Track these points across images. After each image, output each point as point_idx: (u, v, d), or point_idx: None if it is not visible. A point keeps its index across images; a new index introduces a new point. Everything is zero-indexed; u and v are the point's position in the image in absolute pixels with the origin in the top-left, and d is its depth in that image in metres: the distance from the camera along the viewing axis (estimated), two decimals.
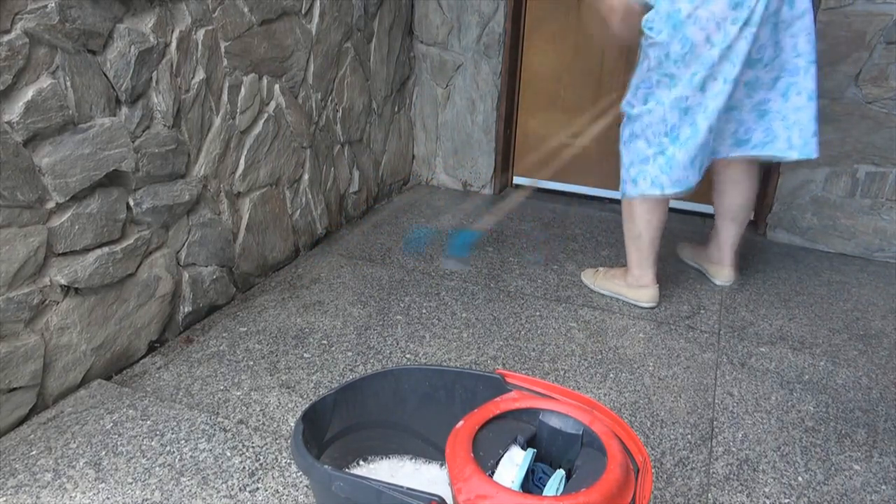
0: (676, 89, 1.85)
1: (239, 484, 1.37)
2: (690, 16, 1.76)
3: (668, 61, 1.83)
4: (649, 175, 1.96)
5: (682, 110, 1.87)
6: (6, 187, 1.38)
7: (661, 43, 1.81)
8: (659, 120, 1.91)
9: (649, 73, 1.89)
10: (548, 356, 1.89)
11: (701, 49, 1.78)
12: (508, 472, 1.03)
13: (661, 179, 1.94)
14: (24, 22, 1.36)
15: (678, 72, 1.83)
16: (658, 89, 1.89)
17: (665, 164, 1.92)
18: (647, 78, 1.91)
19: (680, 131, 1.89)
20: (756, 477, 1.48)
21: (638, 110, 1.95)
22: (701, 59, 1.80)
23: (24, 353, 1.49)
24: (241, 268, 2.18)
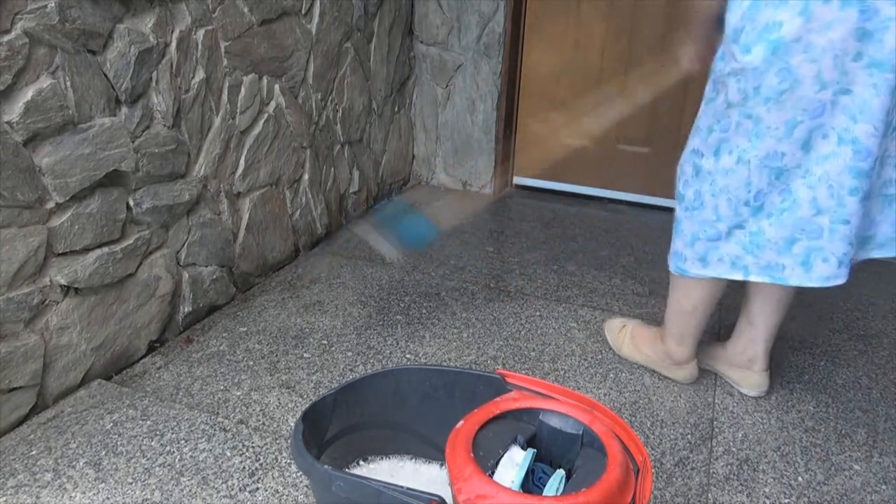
0: (763, 141, 1.34)
1: (239, 484, 1.37)
2: (800, 40, 1.23)
3: (756, 97, 1.31)
4: (726, 255, 1.48)
5: (773, 171, 1.36)
6: (6, 187, 1.38)
7: (752, 70, 1.29)
8: (742, 183, 1.39)
9: (729, 110, 1.37)
10: (548, 356, 1.89)
11: (806, 89, 1.26)
12: (508, 472, 1.03)
13: (746, 261, 1.46)
14: (24, 22, 1.36)
15: (768, 116, 1.31)
16: (737, 136, 1.37)
17: (749, 241, 1.44)
18: (723, 117, 1.39)
19: (766, 199, 1.39)
20: (756, 477, 1.48)
21: (708, 164, 1.43)
22: (804, 102, 1.28)
23: (24, 353, 1.49)
24: (241, 268, 2.18)
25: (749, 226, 1.43)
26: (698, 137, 1.46)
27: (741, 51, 1.29)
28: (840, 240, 1.37)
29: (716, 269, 1.51)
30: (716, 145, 1.41)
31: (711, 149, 1.42)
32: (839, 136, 1.29)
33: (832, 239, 1.37)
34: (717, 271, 1.51)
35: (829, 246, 1.38)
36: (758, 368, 1.71)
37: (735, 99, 1.34)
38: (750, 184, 1.38)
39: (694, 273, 1.54)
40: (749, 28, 1.27)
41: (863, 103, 1.25)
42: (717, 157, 1.42)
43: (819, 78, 1.25)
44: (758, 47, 1.27)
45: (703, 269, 1.53)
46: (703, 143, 1.44)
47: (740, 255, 1.46)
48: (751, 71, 1.29)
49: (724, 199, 1.42)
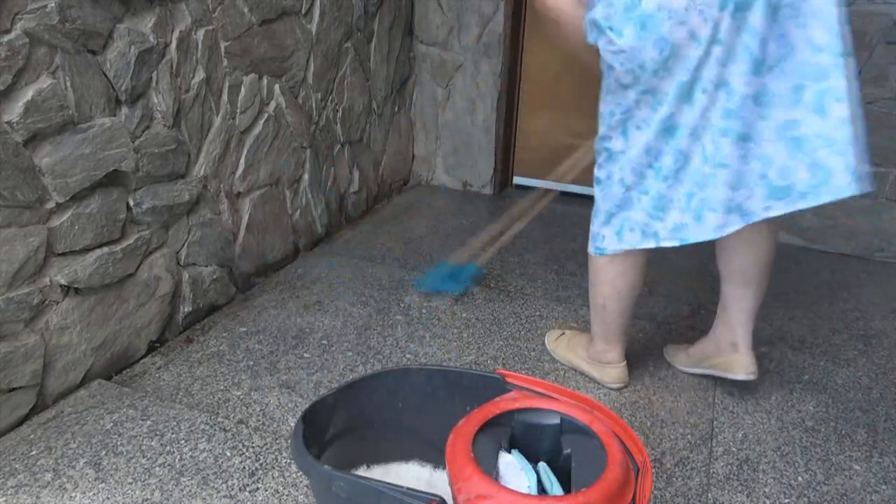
0: (661, 108, 1.38)
1: (239, 484, 1.37)
2: (661, 8, 1.27)
3: (644, 73, 1.35)
4: (637, 223, 1.50)
5: (665, 131, 1.39)
6: (6, 187, 1.38)
7: (630, 49, 1.33)
8: (642, 150, 1.43)
9: (625, 91, 1.41)
10: (548, 356, 1.89)
11: (686, 49, 1.31)
12: (520, 479, 1.03)
13: (655, 227, 1.48)
14: (24, 22, 1.36)
15: (662, 84, 1.36)
16: (640, 111, 1.41)
17: (652, 206, 1.47)
18: (621, 98, 1.43)
19: (662, 160, 1.42)
20: (756, 477, 1.48)
21: (618, 144, 1.48)
22: (686, 61, 1.32)
23: (24, 353, 1.49)
24: (241, 268, 2.18)
25: (651, 189, 1.45)
26: (603, 124, 1.50)
27: (615, 35, 1.34)
28: (721, 185, 1.38)
29: (629, 241, 1.53)
30: (620, 126, 1.45)
31: (617, 130, 1.46)
32: (714, 83, 1.32)
33: (714, 185, 1.38)
34: (630, 242, 1.53)
35: (713, 193, 1.39)
36: (742, 350, 1.67)
37: (626, 80, 1.39)
38: (649, 147, 1.42)
39: (611, 249, 1.56)
40: (612, 12, 1.33)
41: (730, 48, 1.29)
42: (625, 136, 1.45)
43: (694, 36, 1.29)
44: (627, 28, 1.31)
45: (618, 244, 1.55)
46: (608, 127, 1.48)
47: (647, 221, 1.48)
48: (629, 51, 1.33)
49: (629, 168, 1.46)
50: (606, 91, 1.47)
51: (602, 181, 1.54)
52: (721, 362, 1.71)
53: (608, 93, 1.46)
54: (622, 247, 1.54)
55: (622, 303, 1.64)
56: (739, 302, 1.64)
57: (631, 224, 1.51)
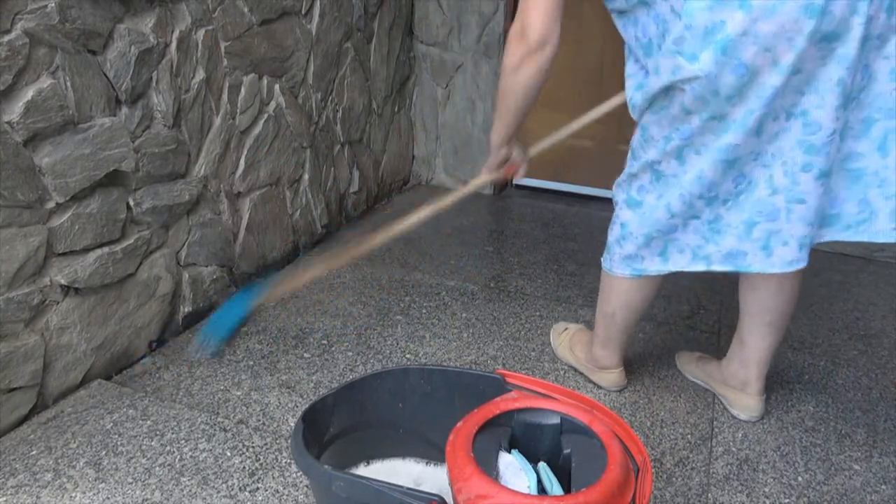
0: (728, 136, 1.28)
1: (239, 484, 1.37)
2: (747, 33, 1.16)
3: (716, 99, 1.24)
4: (686, 245, 1.45)
5: (726, 163, 1.31)
6: (6, 187, 1.38)
7: (706, 75, 1.21)
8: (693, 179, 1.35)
9: (689, 116, 1.30)
10: (548, 356, 1.89)
11: (764, 77, 1.20)
12: (520, 479, 1.03)
13: (708, 250, 1.42)
14: (24, 22, 1.36)
15: (734, 111, 1.25)
16: (703, 136, 1.31)
17: (707, 229, 1.40)
18: (682, 123, 1.32)
19: (719, 189, 1.35)
20: (756, 477, 1.48)
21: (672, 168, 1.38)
22: (761, 90, 1.21)
23: (24, 353, 1.49)
24: (241, 268, 2.18)
25: (705, 215, 1.39)
26: (653, 149, 1.39)
27: (687, 60, 1.22)
28: (798, 220, 1.31)
29: (677, 262, 1.47)
30: (676, 152, 1.36)
31: (672, 155, 1.36)
32: (787, 111, 1.24)
33: (789, 219, 1.32)
34: (678, 264, 1.47)
35: (786, 228, 1.33)
36: (751, 391, 1.63)
37: (693, 105, 1.27)
38: (702, 177, 1.33)
39: (654, 270, 1.50)
40: (689, 36, 1.21)
41: (810, 76, 1.20)
42: (680, 160, 1.36)
43: (776, 63, 1.19)
44: (705, 53, 1.20)
45: (663, 265, 1.49)
46: (661, 153, 1.38)
47: (700, 244, 1.42)
48: (704, 77, 1.22)
49: (678, 194, 1.38)
50: (663, 117, 1.35)
51: (641, 203, 1.45)
52: (727, 394, 1.68)
53: (665, 119, 1.34)
54: (668, 268, 1.49)
55: (632, 315, 1.61)
56: (760, 340, 1.59)
57: (680, 246, 1.45)
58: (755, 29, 1.16)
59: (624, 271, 1.55)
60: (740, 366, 1.64)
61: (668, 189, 1.40)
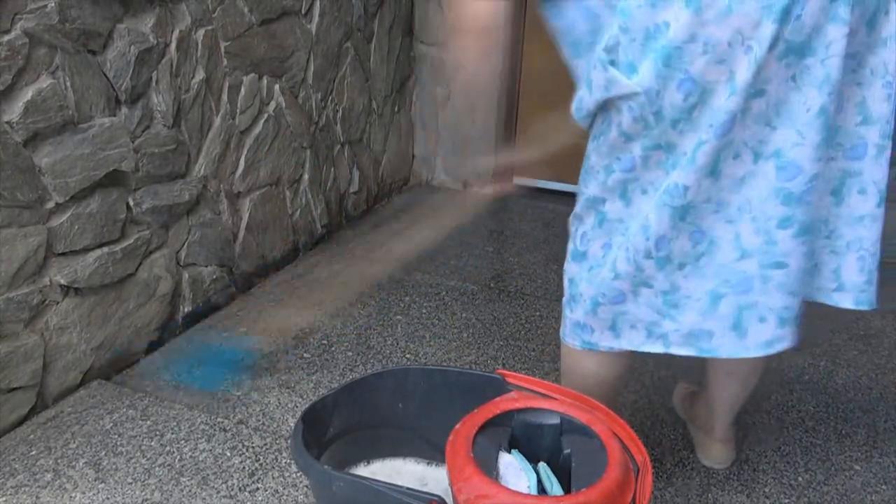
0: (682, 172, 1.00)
1: (239, 484, 1.37)
2: (696, 38, 0.91)
3: (661, 124, 0.99)
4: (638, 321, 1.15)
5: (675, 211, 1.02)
6: (6, 187, 1.38)
7: (645, 91, 0.97)
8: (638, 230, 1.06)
9: (628, 144, 1.04)
10: (548, 356, 1.89)
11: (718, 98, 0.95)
12: (520, 480, 1.03)
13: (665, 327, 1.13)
14: (24, 22, 1.36)
15: (682, 140, 0.99)
16: (647, 172, 1.05)
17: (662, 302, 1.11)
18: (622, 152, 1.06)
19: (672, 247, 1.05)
20: (756, 477, 1.48)
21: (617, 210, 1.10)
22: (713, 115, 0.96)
23: (24, 353, 1.49)
24: (241, 268, 2.18)
25: (657, 283, 1.09)
26: (594, 181, 1.14)
27: (624, 71, 0.98)
28: (776, 289, 1.05)
29: (630, 340, 1.16)
30: (619, 187, 1.09)
31: (615, 192, 1.10)
32: (754, 150, 0.98)
33: (765, 290, 1.05)
34: (632, 342, 1.17)
35: (762, 300, 1.06)
36: (716, 437, 1.45)
37: (632, 129, 1.02)
38: (648, 228, 1.04)
39: (605, 346, 1.19)
40: (626, 41, 0.97)
41: (779, 103, 0.95)
42: (624, 199, 1.09)
43: (731, 82, 0.93)
44: (645, 63, 0.96)
45: (615, 340, 1.18)
46: (602, 186, 1.12)
47: (655, 319, 1.13)
48: (644, 94, 0.97)
49: (623, 251, 1.09)
50: (602, 142, 1.10)
51: (585, 255, 1.18)
52: (695, 436, 1.52)
53: (604, 145, 1.09)
54: (620, 345, 1.18)
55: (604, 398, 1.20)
56: (723, 391, 1.36)
57: (632, 320, 1.15)
58: (705, 33, 0.91)
59: (565, 336, 1.28)
60: (706, 409, 1.45)
61: (613, 238, 1.12)
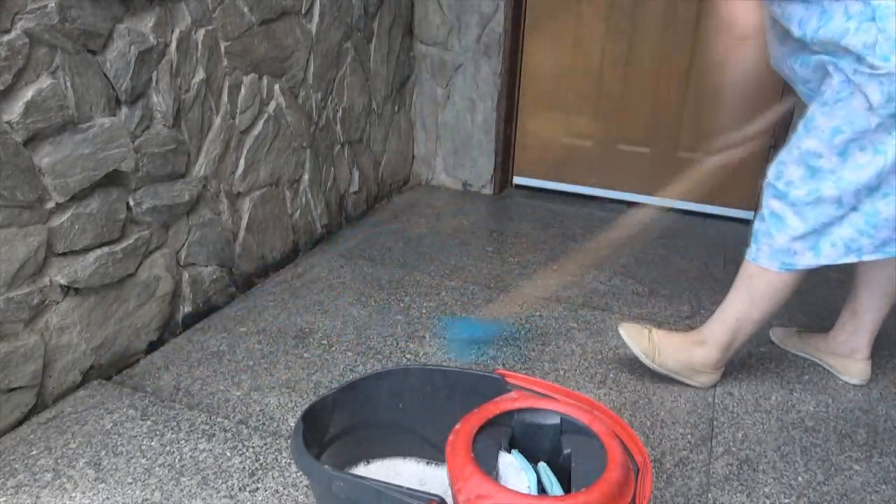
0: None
1: (239, 484, 1.37)
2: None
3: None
4: (839, 239, 1.48)
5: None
6: (6, 187, 1.39)
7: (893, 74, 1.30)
8: (874, 174, 1.40)
9: (869, 112, 1.35)
10: (548, 356, 1.89)
11: None
12: (520, 479, 1.03)
13: (861, 242, 1.46)
14: (24, 22, 1.36)
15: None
16: (877, 135, 1.37)
17: (864, 222, 1.44)
18: (859, 118, 1.37)
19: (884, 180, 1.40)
20: (756, 477, 1.48)
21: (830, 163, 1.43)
22: None
23: (23, 353, 1.49)
24: (241, 268, 2.18)
25: (864, 206, 1.43)
26: (815, 139, 1.44)
27: (880, 60, 1.29)
28: None
29: (829, 256, 1.49)
30: (842, 146, 1.40)
31: (836, 149, 1.41)
32: None
33: None
34: (830, 258, 1.49)
35: None
36: (860, 357, 1.77)
37: (879, 102, 1.33)
38: (882, 173, 1.39)
39: (803, 264, 1.52)
40: (882, 39, 1.29)
41: None
42: (843, 156, 1.41)
43: None
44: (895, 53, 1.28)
45: (815, 259, 1.51)
46: (825, 144, 1.42)
47: (855, 237, 1.46)
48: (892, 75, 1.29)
49: (852, 190, 1.42)
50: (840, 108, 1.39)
51: (799, 199, 1.48)
52: (835, 363, 1.81)
53: (842, 110, 1.38)
54: (819, 262, 1.50)
55: (768, 318, 1.64)
56: (875, 311, 1.71)
57: (833, 240, 1.48)
58: None
59: (766, 262, 1.56)
60: (852, 334, 1.77)
61: (825, 183, 1.44)
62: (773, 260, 1.55)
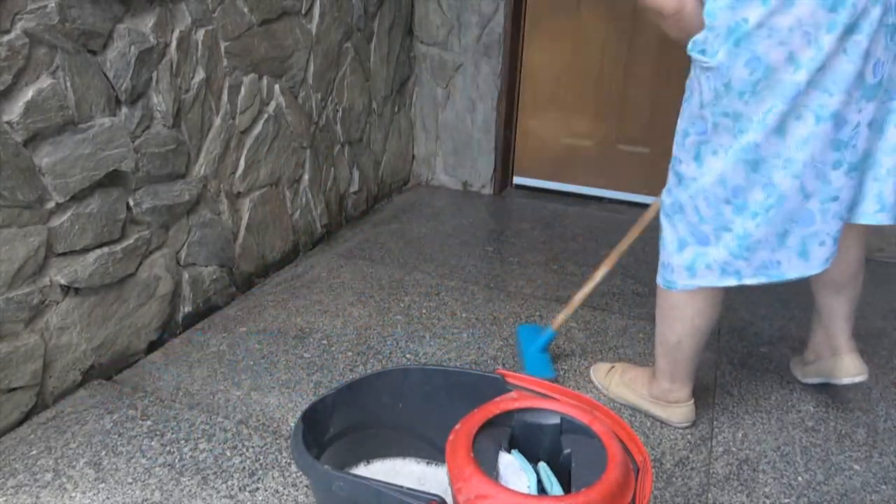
0: (745, 135, 1.27)
1: (239, 484, 1.37)
2: (762, 25, 1.19)
3: (729, 94, 1.25)
4: (714, 262, 1.38)
5: (748, 164, 1.29)
6: (6, 187, 1.39)
7: (718, 67, 1.24)
8: (716, 181, 1.33)
9: (702, 111, 1.31)
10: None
11: (781, 73, 1.21)
12: (520, 479, 1.03)
13: (736, 265, 1.37)
14: (24, 22, 1.36)
15: (746, 109, 1.25)
16: (716, 136, 1.31)
17: (737, 245, 1.35)
18: (698, 119, 1.33)
19: (748, 196, 1.31)
20: (756, 477, 1.48)
21: (689, 170, 1.37)
22: (780, 87, 1.22)
23: (24, 353, 1.49)
24: (241, 268, 2.18)
25: (735, 227, 1.34)
26: (675, 144, 1.41)
27: (708, 56, 1.25)
28: (832, 218, 1.32)
29: (704, 278, 1.40)
30: (694, 149, 1.35)
31: (690, 153, 1.36)
32: (816, 114, 1.23)
33: (825, 220, 1.32)
34: (706, 280, 1.40)
35: (823, 228, 1.33)
36: (843, 352, 1.61)
37: (708, 98, 1.29)
38: (724, 181, 1.31)
39: (682, 285, 1.43)
40: (711, 36, 1.24)
41: (836, 74, 1.20)
42: (698, 160, 1.35)
43: (792, 59, 1.20)
44: (723, 47, 1.23)
45: (690, 279, 1.42)
46: (681, 148, 1.39)
47: (729, 260, 1.37)
48: (717, 67, 1.24)
49: (702, 199, 1.35)
50: (685, 109, 1.37)
51: (667, 207, 1.45)
52: (824, 368, 1.67)
53: (687, 111, 1.37)
54: (696, 283, 1.42)
55: (699, 341, 1.51)
56: (835, 310, 1.61)
57: (708, 261, 1.39)
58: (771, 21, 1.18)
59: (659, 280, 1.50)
60: (824, 334, 1.65)
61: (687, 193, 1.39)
62: (661, 278, 1.50)
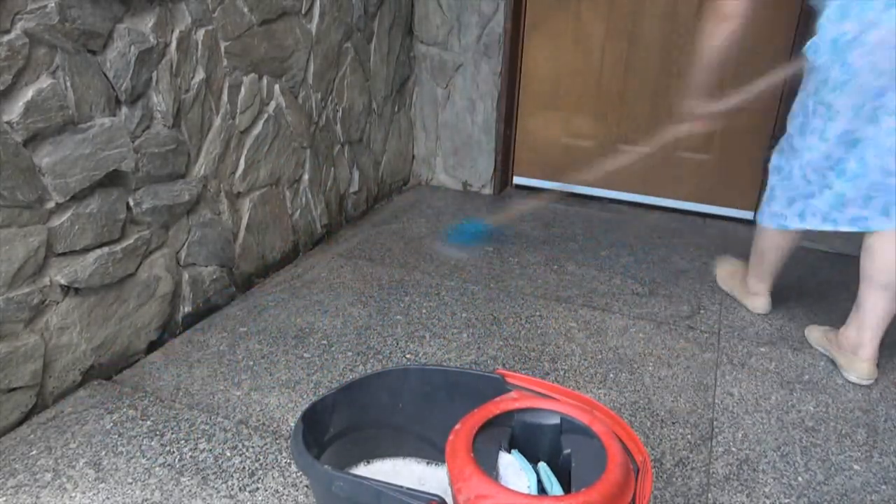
0: (835, 122, 1.68)
1: (239, 484, 1.37)
2: (856, 39, 1.57)
3: (824, 89, 1.67)
4: (819, 211, 1.79)
5: (848, 143, 1.69)
6: (6, 187, 1.39)
7: (819, 66, 1.66)
8: (822, 156, 1.74)
9: (807, 99, 1.75)
10: (548, 356, 1.89)
11: (864, 78, 1.60)
12: (520, 479, 1.03)
13: (834, 216, 1.77)
14: (24, 22, 1.36)
15: (837, 101, 1.66)
16: (814, 119, 1.73)
17: (834, 200, 1.75)
18: (804, 105, 1.77)
19: (845, 165, 1.71)
20: (756, 477, 1.48)
21: (799, 143, 1.80)
22: (865, 88, 1.61)
23: (24, 353, 1.49)
24: (241, 268, 2.18)
25: (835, 187, 1.73)
26: (790, 122, 1.84)
27: (811, 54, 1.68)
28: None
29: (811, 223, 1.81)
30: (800, 127, 1.78)
31: (798, 130, 1.80)
32: None
33: None
34: (812, 224, 1.81)
35: None
36: (863, 355, 1.79)
37: (811, 90, 1.73)
38: (829, 156, 1.72)
39: (793, 226, 1.87)
40: (820, 43, 1.65)
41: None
42: (802, 136, 1.78)
43: (875, 68, 1.57)
44: (826, 52, 1.63)
45: (801, 223, 1.84)
46: (793, 126, 1.82)
47: (828, 211, 1.77)
48: (819, 67, 1.67)
49: (811, 169, 1.77)
50: (799, 96, 1.80)
51: (783, 170, 1.87)
52: (839, 358, 1.86)
53: (799, 97, 1.80)
54: (804, 226, 1.84)
55: (781, 255, 2.01)
56: (874, 305, 1.76)
57: (813, 210, 1.80)
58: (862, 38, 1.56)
59: (766, 222, 1.96)
60: (856, 330, 1.81)
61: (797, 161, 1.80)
62: (772, 221, 1.93)
